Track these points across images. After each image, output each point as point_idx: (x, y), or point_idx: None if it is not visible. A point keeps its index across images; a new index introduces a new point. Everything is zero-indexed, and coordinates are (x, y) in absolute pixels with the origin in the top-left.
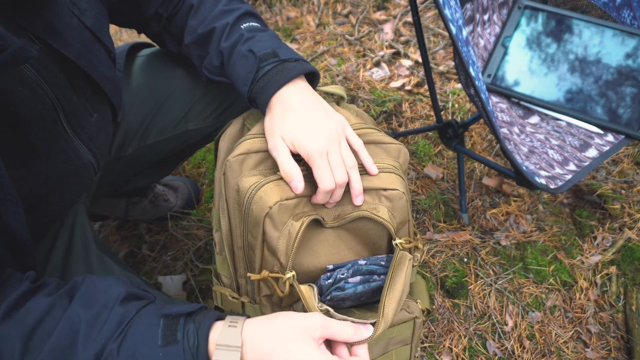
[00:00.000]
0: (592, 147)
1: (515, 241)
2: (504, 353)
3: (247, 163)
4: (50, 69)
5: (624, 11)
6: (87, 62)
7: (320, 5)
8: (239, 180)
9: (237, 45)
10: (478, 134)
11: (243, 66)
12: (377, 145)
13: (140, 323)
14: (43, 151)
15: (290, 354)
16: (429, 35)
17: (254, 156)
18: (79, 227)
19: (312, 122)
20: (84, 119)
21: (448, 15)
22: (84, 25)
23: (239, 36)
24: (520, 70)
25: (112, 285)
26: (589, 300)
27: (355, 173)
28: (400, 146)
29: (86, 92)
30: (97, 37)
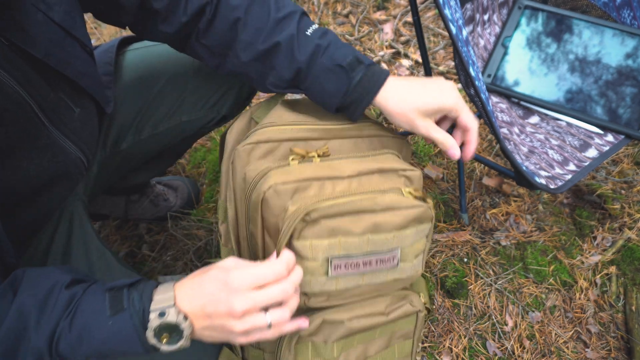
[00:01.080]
0: (592, 147)
1: (515, 241)
2: (504, 353)
3: (255, 152)
4: (20, 68)
5: (624, 11)
6: (57, 59)
7: (320, 5)
8: (246, 168)
9: (317, 58)
10: (478, 133)
11: (332, 80)
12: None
13: (87, 300)
14: (24, 151)
15: (202, 281)
16: (429, 35)
17: (262, 146)
18: (78, 222)
19: (430, 84)
20: (66, 114)
21: (448, 15)
22: (51, 21)
23: (315, 47)
24: (520, 70)
25: (55, 273)
26: (589, 300)
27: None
28: (400, 140)
29: (64, 87)
30: (68, 32)
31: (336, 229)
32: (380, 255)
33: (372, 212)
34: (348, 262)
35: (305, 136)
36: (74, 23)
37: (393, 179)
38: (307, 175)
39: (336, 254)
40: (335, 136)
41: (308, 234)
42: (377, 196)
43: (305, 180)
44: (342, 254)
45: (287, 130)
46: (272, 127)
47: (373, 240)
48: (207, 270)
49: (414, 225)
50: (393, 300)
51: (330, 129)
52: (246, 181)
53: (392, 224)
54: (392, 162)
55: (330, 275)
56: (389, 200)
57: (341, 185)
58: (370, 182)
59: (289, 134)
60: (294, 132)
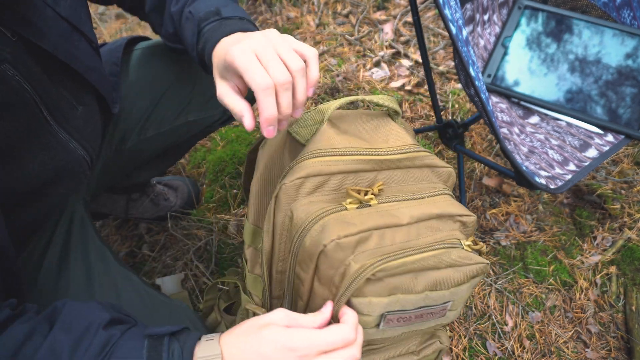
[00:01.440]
0: (592, 147)
1: (515, 241)
2: (504, 353)
3: (304, 188)
4: (25, 62)
5: (624, 11)
6: (65, 53)
7: (320, 5)
8: (294, 207)
9: (184, 8)
10: (478, 134)
11: (188, 29)
12: (430, 169)
13: (124, 345)
14: (27, 148)
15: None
16: (429, 35)
17: (312, 180)
18: (78, 222)
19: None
20: (69, 112)
21: (448, 15)
22: (59, 16)
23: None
24: (520, 70)
25: (95, 309)
26: (589, 300)
27: (301, 79)
28: (450, 170)
29: (66, 84)
30: (74, 27)
31: (397, 286)
32: (433, 309)
33: (436, 269)
34: (401, 316)
35: (356, 168)
36: (79, 18)
37: (449, 225)
38: (368, 225)
39: (392, 309)
40: (387, 167)
41: (368, 291)
42: (443, 253)
43: (367, 230)
44: (397, 309)
45: (338, 162)
46: (322, 157)
47: (430, 297)
48: (259, 327)
49: (471, 279)
50: (424, 338)
51: (383, 160)
52: (294, 221)
53: (452, 282)
54: (448, 206)
55: (380, 328)
56: (453, 258)
57: (400, 234)
58: (428, 229)
59: (340, 166)
60: (346, 164)
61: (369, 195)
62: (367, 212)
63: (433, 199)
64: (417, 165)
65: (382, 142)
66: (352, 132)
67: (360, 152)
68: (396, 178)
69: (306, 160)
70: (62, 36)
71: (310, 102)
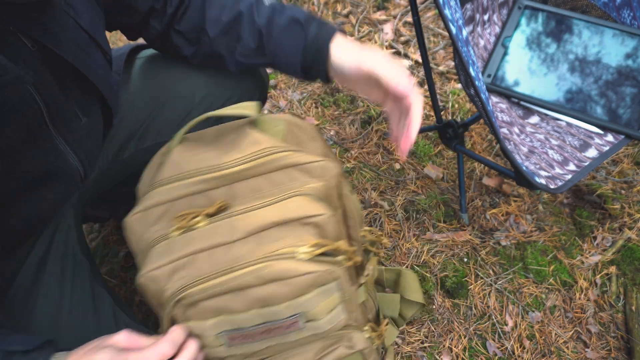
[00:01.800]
0: (592, 147)
1: (515, 241)
2: (504, 353)
3: (146, 220)
4: (38, 70)
5: (624, 11)
6: (83, 63)
7: (320, 5)
8: (140, 240)
9: (274, 19)
10: (478, 134)
11: (290, 37)
12: (295, 168)
13: None
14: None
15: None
16: (429, 35)
17: (154, 211)
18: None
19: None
20: (72, 121)
21: (448, 15)
22: (79, 27)
23: (271, 10)
24: (520, 70)
25: None
26: (589, 300)
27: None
28: (323, 163)
29: (76, 95)
30: (93, 38)
31: (218, 308)
32: (278, 323)
33: (256, 286)
34: (243, 334)
35: (201, 189)
36: (97, 31)
37: (295, 232)
38: (190, 250)
39: (226, 329)
40: (236, 179)
41: (190, 315)
42: (261, 268)
43: (187, 256)
44: (232, 329)
45: (180, 187)
46: (161, 187)
47: (263, 314)
48: (99, 348)
49: (314, 289)
50: (324, 345)
51: (229, 173)
52: (139, 258)
53: (281, 296)
54: (297, 209)
55: (229, 345)
56: (275, 271)
57: (234, 251)
58: (267, 239)
59: (182, 191)
60: (190, 187)
61: (197, 218)
62: (191, 237)
63: (284, 202)
64: (278, 168)
65: (236, 153)
66: (205, 152)
67: (207, 171)
68: (252, 187)
69: (150, 192)
70: (80, 47)
71: (310, 104)
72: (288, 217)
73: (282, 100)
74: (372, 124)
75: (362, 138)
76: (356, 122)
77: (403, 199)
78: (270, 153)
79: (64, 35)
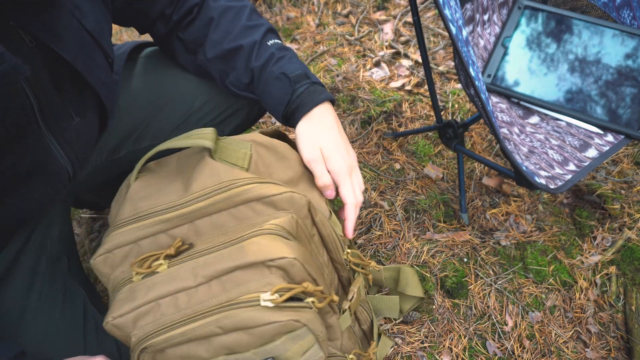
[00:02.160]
0: (592, 147)
1: (515, 241)
2: (504, 353)
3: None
4: (35, 67)
5: (624, 11)
6: (83, 65)
7: (320, 5)
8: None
9: (268, 66)
10: (478, 134)
11: (278, 88)
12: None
13: None
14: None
15: None
16: (429, 35)
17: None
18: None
19: (344, 143)
20: (65, 121)
21: (448, 15)
22: (83, 28)
23: (269, 55)
24: (520, 70)
25: None
26: (588, 300)
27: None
28: (289, 194)
29: (72, 95)
30: (96, 41)
31: (185, 355)
32: None
33: (219, 335)
34: None
35: (162, 228)
36: (102, 33)
37: (260, 275)
38: (152, 296)
39: None
40: (197, 217)
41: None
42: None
43: (150, 302)
44: None
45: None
46: (122, 227)
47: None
48: None
49: (281, 336)
50: None
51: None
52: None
53: (247, 345)
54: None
55: None
56: (237, 321)
57: (198, 295)
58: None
59: (143, 232)
60: (150, 227)
61: (157, 262)
62: (153, 281)
63: (245, 243)
64: (241, 202)
65: (196, 186)
66: (165, 186)
67: (166, 210)
68: (215, 223)
69: (111, 233)
70: (82, 48)
71: None
72: (250, 260)
73: None
74: (372, 124)
75: (362, 138)
76: (356, 122)
77: (403, 199)
78: (232, 187)
79: (66, 35)
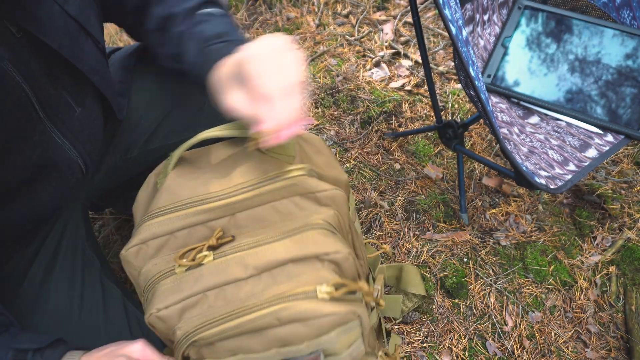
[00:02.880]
0: (591, 147)
1: (515, 241)
2: (504, 353)
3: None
4: (25, 61)
5: (624, 11)
6: (70, 51)
7: (320, 5)
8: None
9: (189, 29)
10: (478, 134)
11: (191, 48)
12: (303, 197)
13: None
14: (17, 145)
15: None
16: (429, 36)
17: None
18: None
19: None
20: (66, 112)
21: (448, 15)
22: (67, 14)
23: (193, 21)
24: (520, 71)
25: None
26: (588, 300)
27: None
28: (333, 192)
29: (67, 84)
30: (82, 27)
31: (235, 348)
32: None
33: (275, 327)
34: None
35: (202, 220)
36: (87, 19)
37: (312, 269)
38: (199, 288)
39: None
40: (240, 208)
41: (205, 354)
42: (280, 310)
43: (196, 294)
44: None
45: (178, 218)
46: (157, 217)
47: (283, 352)
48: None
49: (335, 328)
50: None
51: (229, 203)
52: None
53: (302, 337)
54: (313, 244)
55: None
56: (296, 312)
57: (246, 288)
58: (282, 276)
59: (181, 222)
60: (189, 217)
61: (202, 253)
62: (199, 273)
63: (299, 236)
64: (284, 196)
65: (238, 177)
66: (203, 175)
67: (206, 200)
68: (256, 216)
69: (146, 222)
70: (68, 35)
71: (310, 104)
72: (304, 254)
73: None
74: (372, 124)
75: (362, 138)
76: (356, 122)
77: (403, 199)
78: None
79: (49, 22)
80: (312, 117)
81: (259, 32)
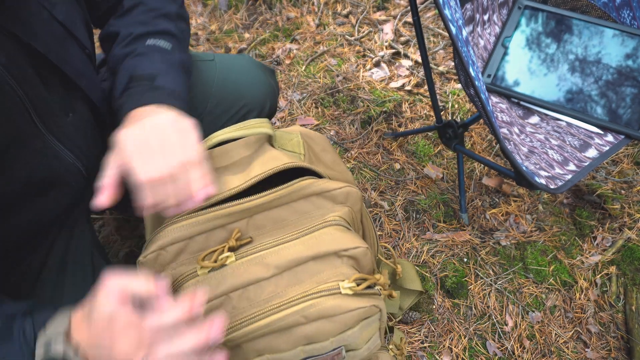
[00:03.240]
0: (592, 147)
1: (515, 241)
2: (504, 353)
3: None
4: (18, 64)
5: (624, 11)
6: (57, 55)
7: (320, 5)
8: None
9: (126, 58)
10: (478, 134)
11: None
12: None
13: None
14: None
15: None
16: (429, 35)
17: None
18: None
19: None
20: (60, 117)
21: (448, 15)
22: (54, 19)
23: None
24: (520, 71)
25: None
26: (589, 300)
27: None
28: (347, 189)
29: (58, 89)
30: (69, 31)
31: (262, 349)
32: (321, 357)
33: (301, 325)
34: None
35: (221, 223)
36: (74, 24)
37: (332, 266)
38: (221, 290)
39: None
40: (256, 212)
41: (231, 356)
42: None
43: (220, 296)
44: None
45: (197, 223)
46: (177, 223)
47: (308, 350)
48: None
49: (359, 323)
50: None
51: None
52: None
53: (327, 333)
54: (331, 241)
55: None
56: (322, 309)
57: (268, 288)
58: (303, 274)
59: (198, 227)
60: (208, 222)
61: (223, 255)
62: (221, 275)
63: (317, 234)
64: (300, 197)
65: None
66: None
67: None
68: (274, 217)
69: (165, 228)
70: (55, 39)
71: (310, 104)
72: (324, 250)
73: (282, 100)
74: (372, 124)
75: (362, 138)
76: (356, 122)
77: (403, 199)
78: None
79: (38, 27)
80: (312, 117)
81: (259, 32)
